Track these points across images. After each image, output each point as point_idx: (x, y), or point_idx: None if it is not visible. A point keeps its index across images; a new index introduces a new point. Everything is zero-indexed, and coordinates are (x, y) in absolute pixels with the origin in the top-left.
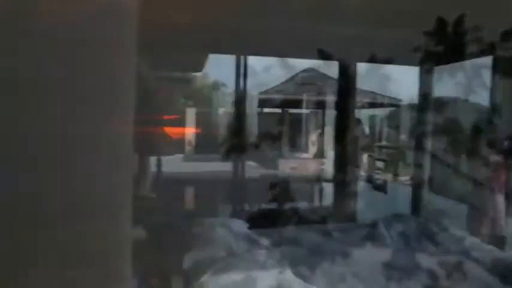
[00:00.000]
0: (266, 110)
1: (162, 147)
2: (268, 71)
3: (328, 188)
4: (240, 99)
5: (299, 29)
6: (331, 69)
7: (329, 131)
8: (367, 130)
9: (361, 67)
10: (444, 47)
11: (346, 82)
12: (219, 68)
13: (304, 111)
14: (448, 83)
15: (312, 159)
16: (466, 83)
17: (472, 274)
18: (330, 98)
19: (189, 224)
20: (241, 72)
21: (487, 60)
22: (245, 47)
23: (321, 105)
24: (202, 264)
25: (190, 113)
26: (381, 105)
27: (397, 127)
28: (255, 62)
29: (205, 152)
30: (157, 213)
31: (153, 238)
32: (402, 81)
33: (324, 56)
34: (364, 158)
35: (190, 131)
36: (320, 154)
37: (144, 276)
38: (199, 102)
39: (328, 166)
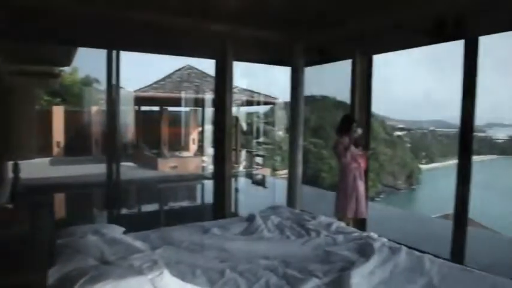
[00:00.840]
0: (143, 108)
1: (24, 150)
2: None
3: (209, 185)
4: (113, 96)
5: (176, 25)
6: (209, 67)
7: (209, 129)
8: (245, 127)
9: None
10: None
11: (223, 80)
12: (91, 63)
13: (183, 109)
14: (318, 83)
15: (192, 157)
16: (333, 82)
17: (338, 254)
18: (209, 96)
19: (56, 234)
20: (113, 67)
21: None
22: (116, 42)
23: (200, 103)
24: (70, 277)
25: (58, 112)
26: (258, 103)
27: (274, 124)
28: (132, 58)
29: (76, 154)
30: (16, 225)
31: (9, 255)
32: (279, 81)
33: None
34: (243, 154)
35: (58, 132)
36: (200, 152)
37: None
38: (69, 99)
39: (209, 163)
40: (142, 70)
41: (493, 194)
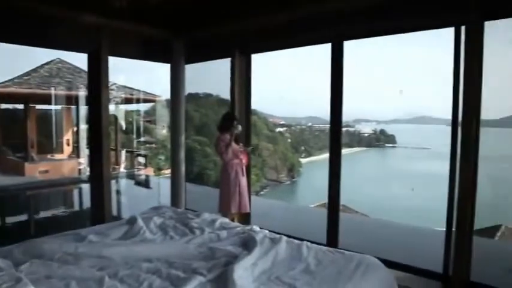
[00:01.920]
0: (4, 105)
1: None
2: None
3: (88, 189)
4: None
5: (42, 13)
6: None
7: (85, 129)
8: (124, 126)
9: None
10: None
11: (98, 76)
12: None
13: (54, 107)
14: (201, 80)
15: (66, 159)
16: (217, 80)
17: (222, 249)
18: (83, 93)
19: None
20: None
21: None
22: None
23: (73, 100)
24: None
25: None
26: (138, 100)
27: (156, 122)
28: None
29: None
30: None
31: None
32: (161, 78)
33: None
34: (123, 154)
35: None
36: (76, 153)
37: None
38: None
39: (86, 165)
40: (2, 62)
41: (363, 181)
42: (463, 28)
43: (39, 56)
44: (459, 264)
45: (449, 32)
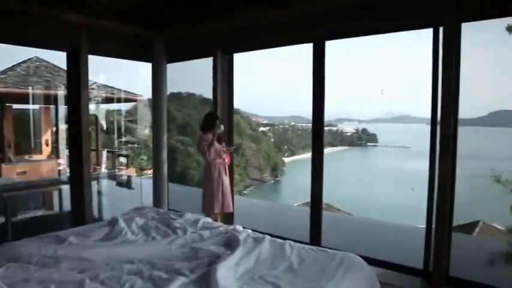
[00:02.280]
0: None
1: None
2: None
3: (68, 190)
4: None
5: (18, 10)
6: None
7: (65, 129)
8: (104, 125)
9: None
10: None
11: (77, 75)
12: None
13: (32, 106)
14: (184, 79)
15: (45, 160)
16: (199, 79)
17: (205, 249)
18: (62, 92)
19: None
20: None
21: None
22: None
23: (52, 100)
24: None
25: None
26: (119, 100)
27: (138, 122)
28: None
29: None
30: None
31: None
32: (144, 77)
33: None
34: (104, 154)
35: None
36: (55, 154)
37: None
38: None
39: (67, 166)
40: None
41: (346, 180)
42: (441, 29)
43: (15, 54)
44: (439, 260)
45: (429, 32)
